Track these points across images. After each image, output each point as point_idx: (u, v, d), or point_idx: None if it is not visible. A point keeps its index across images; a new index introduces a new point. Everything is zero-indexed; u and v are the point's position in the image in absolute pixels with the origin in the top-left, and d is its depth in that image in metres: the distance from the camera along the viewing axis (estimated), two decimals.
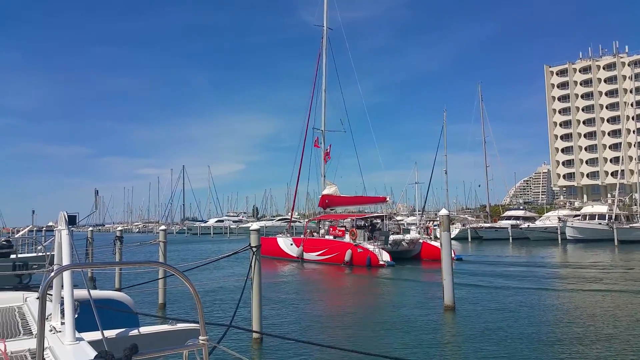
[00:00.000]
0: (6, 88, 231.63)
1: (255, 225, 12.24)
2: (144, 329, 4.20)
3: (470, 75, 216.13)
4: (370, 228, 31.66)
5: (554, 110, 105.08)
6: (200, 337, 1.79)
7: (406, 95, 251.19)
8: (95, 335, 3.47)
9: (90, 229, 27.40)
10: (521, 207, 70.57)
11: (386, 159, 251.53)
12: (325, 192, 36.16)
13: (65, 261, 3.77)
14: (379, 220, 33.30)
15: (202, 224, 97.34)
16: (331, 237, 31.53)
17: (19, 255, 12.61)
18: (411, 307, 15.00)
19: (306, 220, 40.27)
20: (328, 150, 37.37)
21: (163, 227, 18.56)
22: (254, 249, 11.03)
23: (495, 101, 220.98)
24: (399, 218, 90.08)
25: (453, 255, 30.11)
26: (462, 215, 71.19)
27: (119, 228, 26.67)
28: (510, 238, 52.65)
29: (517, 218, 59.73)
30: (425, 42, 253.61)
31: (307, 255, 30.63)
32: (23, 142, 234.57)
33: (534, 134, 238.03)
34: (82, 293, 4.03)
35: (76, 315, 3.46)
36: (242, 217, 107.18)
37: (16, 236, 17.84)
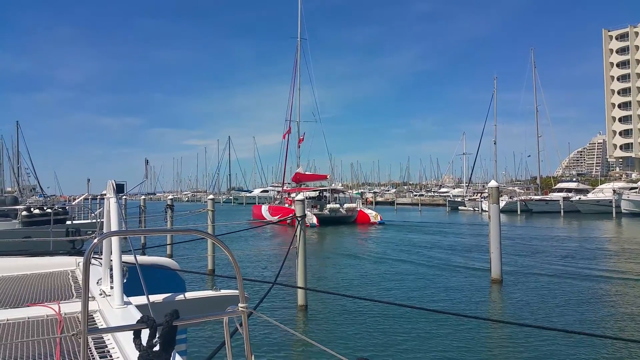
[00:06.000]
0: (60, 61, 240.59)
1: (300, 196, 12.32)
2: (189, 294, 4.30)
3: (522, 41, 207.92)
4: (317, 198, 41.36)
5: (612, 77, 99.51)
6: (240, 304, 1.79)
7: (454, 63, 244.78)
8: (143, 299, 3.58)
9: (143, 197, 28.27)
10: (574, 179, 67.78)
11: (432, 129, 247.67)
12: (297, 170, 46.96)
13: (113, 227, 3.87)
14: (327, 193, 43.15)
15: (248, 194, 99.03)
16: (287, 205, 41.60)
17: (74, 222, 13.22)
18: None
19: (276, 192, 51.11)
20: (302, 137, 47.99)
21: (211, 196, 18.98)
22: (299, 219, 11.11)
23: (548, 68, 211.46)
24: (444, 189, 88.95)
25: (379, 218, 38.20)
26: (509, 188, 69.19)
27: (170, 197, 27.44)
28: (562, 211, 50.98)
29: (569, 190, 57.51)
30: (475, 5, 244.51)
31: (272, 219, 38.79)
32: (77, 114, 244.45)
33: (589, 103, 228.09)
34: (131, 258, 4.16)
35: (125, 280, 3.57)
36: (287, 187, 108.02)
37: (72, 204, 18.65)
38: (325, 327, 9.48)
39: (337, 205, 39.68)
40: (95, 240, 1.63)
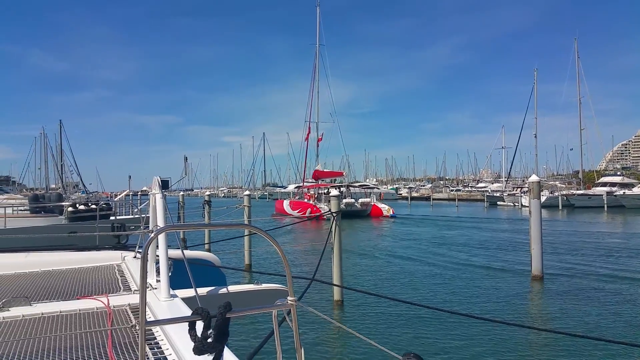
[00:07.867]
0: (101, 61, 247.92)
1: (334, 192, 12.31)
2: (232, 288, 4.38)
3: (564, 31, 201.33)
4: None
5: None
6: (289, 298, 1.81)
7: (493, 55, 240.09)
8: (188, 292, 3.66)
9: (182, 193, 28.82)
10: (618, 173, 65.44)
11: (469, 123, 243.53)
12: (316, 167, 49.95)
13: (160, 223, 3.96)
14: (343, 189, 45.63)
15: (282, 190, 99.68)
16: (305, 200, 46.46)
17: (118, 217, 13.60)
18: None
19: (296, 188, 56.52)
20: (321, 137, 51.66)
21: (247, 192, 19.18)
22: (334, 214, 11.11)
23: (591, 58, 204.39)
24: (482, 184, 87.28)
25: (392, 212, 40.92)
26: (551, 182, 67.32)
27: (207, 193, 27.87)
28: (605, 206, 49.36)
29: (613, 184, 55.55)
30: None
31: (293, 212, 42.21)
32: (117, 112, 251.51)
33: (635, 94, 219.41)
34: (173, 252, 4.25)
35: (170, 274, 3.65)
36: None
37: (115, 199, 19.17)
38: (362, 322, 9.46)
39: (352, 200, 42.79)
40: (153, 235, 1.67)
